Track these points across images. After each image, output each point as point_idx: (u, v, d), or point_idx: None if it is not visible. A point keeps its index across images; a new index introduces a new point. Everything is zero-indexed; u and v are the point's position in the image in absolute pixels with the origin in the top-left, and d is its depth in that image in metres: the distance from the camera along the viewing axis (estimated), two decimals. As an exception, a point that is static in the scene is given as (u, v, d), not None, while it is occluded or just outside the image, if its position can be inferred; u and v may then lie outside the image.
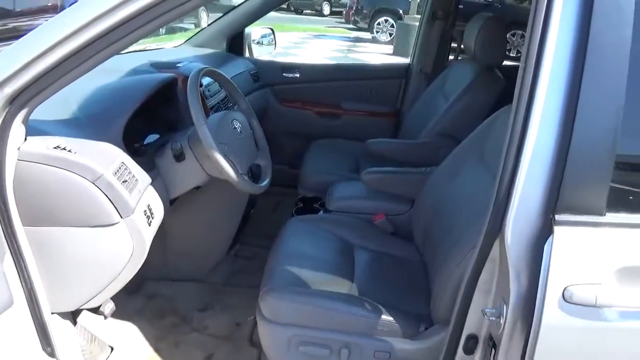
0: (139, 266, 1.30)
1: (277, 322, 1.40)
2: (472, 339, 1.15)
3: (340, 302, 1.40)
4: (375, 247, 1.71)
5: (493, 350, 1.09)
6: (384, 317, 1.37)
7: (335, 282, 1.50)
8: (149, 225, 1.29)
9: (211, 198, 1.91)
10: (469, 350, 1.16)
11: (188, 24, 10.94)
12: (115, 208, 1.17)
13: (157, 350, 1.72)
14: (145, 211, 1.28)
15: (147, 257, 2.05)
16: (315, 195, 2.20)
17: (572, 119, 0.94)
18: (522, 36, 7.99)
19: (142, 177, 1.30)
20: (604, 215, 0.95)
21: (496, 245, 1.05)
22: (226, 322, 1.88)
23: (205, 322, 1.88)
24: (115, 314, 1.83)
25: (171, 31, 9.53)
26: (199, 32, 2.91)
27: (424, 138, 2.28)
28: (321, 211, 2.04)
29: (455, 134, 2.13)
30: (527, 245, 0.98)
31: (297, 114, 2.92)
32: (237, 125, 1.62)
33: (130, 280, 2.03)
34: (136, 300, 1.96)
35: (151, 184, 1.37)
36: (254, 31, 2.97)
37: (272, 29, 3.09)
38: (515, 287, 0.99)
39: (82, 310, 1.45)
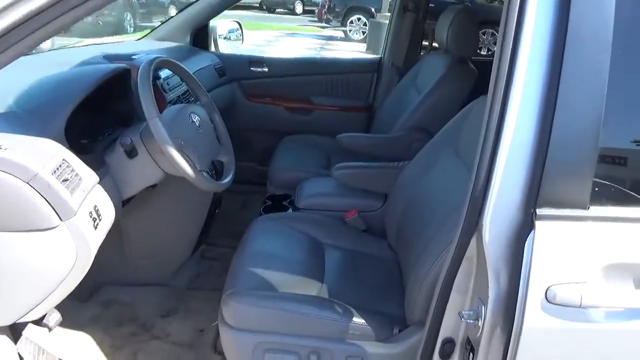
0: (84, 273, 1.18)
1: (240, 328, 1.30)
2: (449, 343, 1.07)
3: (309, 305, 1.31)
4: (346, 245, 1.64)
5: (471, 354, 1.01)
6: (355, 319, 1.29)
7: (304, 283, 1.41)
8: (96, 228, 1.17)
9: (171, 197, 1.79)
10: (446, 355, 1.08)
11: (157, 22, 10.68)
12: (54, 210, 1.05)
13: (114, 361, 1.59)
14: (90, 213, 1.16)
15: (103, 261, 1.91)
16: (285, 192, 2.11)
17: (552, 108, 0.88)
18: (493, 34, 8.07)
19: (88, 175, 1.18)
20: (588, 209, 0.89)
21: (473, 242, 0.97)
22: (189, 328, 1.77)
23: (167, 329, 1.77)
24: (68, 324, 1.70)
25: (139, 30, 9.27)
26: (160, 25, 2.77)
27: (397, 132, 2.22)
28: (290, 209, 1.95)
29: (429, 128, 2.07)
30: (507, 242, 0.91)
31: (265, 109, 2.82)
32: (196, 119, 1.51)
33: (85, 287, 1.90)
34: (91, 307, 1.83)
35: (99, 182, 1.25)
36: (220, 24, 2.85)
37: (239, 22, 2.98)
38: (494, 288, 0.92)
39: (26, 323, 1.32)
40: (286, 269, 1.45)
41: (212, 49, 2.82)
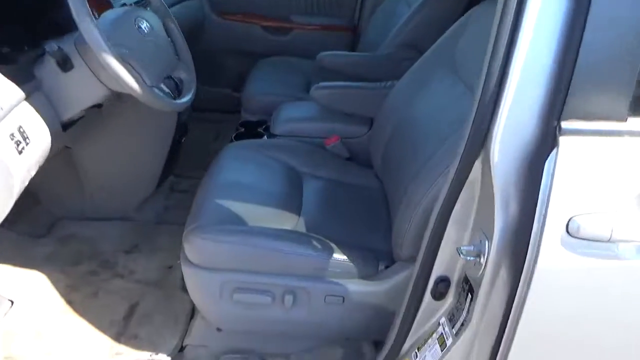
0: (9, 204, 1.00)
1: (205, 266, 1.16)
2: (443, 282, 0.94)
3: (283, 241, 1.17)
4: (327, 174, 1.48)
5: (469, 295, 0.88)
6: (336, 255, 1.16)
7: (278, 217, 1.25)
8: (20, 152, 0.97)
9: (125, 120, 1.58)
10: (439, 294, 0.95)
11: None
12: None
13: (70, 302, 1.45)
14: (12, 135, 0.96)
15: (59, 194, 1.76)
16: (260, 118, 1.91)
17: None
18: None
19: (8, 89, 0.96)
20: (626, 120, 0.72)
21: (477, 165, 0.81)
22: (156, 265, 1.62)
23: (131, 266, 1.61)
24: (20, 262, 1.55)
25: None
26: None
27: (384, 50, 1.99)
28: (265, 136, 1.76)
29: (420, 45, 1.85)
30: (521, 163, 0.74)
31: (239, 28, 2.56)
32: (144, 25, 1.26)
33: (39, 221, 1.75)
34: (47, 244, 1.66)
35: (27, 100, 1.03)
36: None
37: None
38: (501, 219, 0.77)
39: None
40: (258, 200, 1.29)
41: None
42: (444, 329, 0.95)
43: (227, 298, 1.16)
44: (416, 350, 1.00)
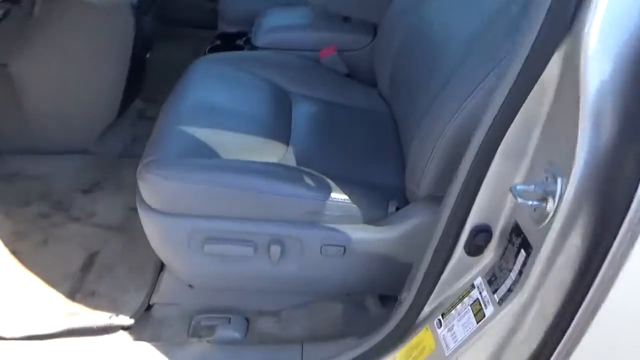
0: None
1: (165, 211, 0.93)
2: (483, 233, 0.69)
3: (265, 178, 0.94)
4: (322, 95, 1.25)
5: (522, 251, 0.63)
6: (334, 195, 0.94)
7: (261, 147, 1.02)
8: None
9: (68, 28, 1.28)
10: (475, 249, 0.71)
11: None
12: None
13: (15, 252, 1.22)
14: None
15: None
16: (240, 30, 1.64)
17: None
18: None
19: None
20: None
21: (555, 62, 0.53)
22: (120, 206, 1.38)
23: (90, 207, 1.37)
24: (-46, 206, 1.31)
25: None
26: None
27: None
28: (245, 49, 1.48)
29: None
30: (635, 56, 0.47)
31: None
32: None
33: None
34: (-13, 183, 1.41)
35: None
36: None
37: None
38: (589, 144, 0.52)
39: None
40: (234, 127, 1.05)
41: None
42: (480, 293, 0.72)
43: (197, 250, 0.94)
44: (440, 317, 0.78)
